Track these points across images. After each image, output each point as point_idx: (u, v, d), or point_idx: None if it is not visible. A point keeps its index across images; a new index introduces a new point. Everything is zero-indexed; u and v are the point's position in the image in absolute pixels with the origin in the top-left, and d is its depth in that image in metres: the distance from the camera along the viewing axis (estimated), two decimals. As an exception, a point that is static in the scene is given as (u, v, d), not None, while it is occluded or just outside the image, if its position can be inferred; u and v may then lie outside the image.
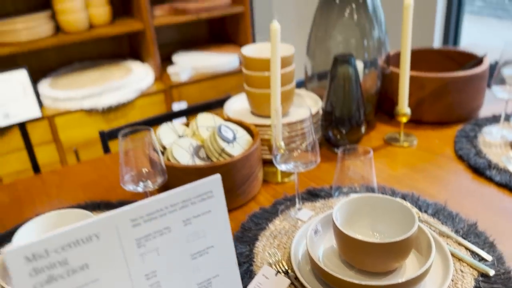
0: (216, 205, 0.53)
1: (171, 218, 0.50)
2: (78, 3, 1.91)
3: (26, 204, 0.97)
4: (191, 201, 0.52)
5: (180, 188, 0.51)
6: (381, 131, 1.18)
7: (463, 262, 0.70)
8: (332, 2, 1.23)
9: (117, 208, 0.88)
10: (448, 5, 2.36)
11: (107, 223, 0.46)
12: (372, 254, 0.63)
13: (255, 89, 1.04)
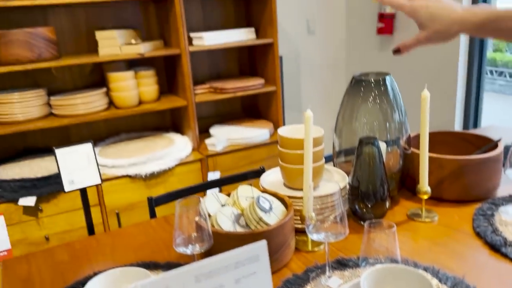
0: (261, 267, 0.63)
1: (226, 277, 0.60)
2: (130, 83, 2.14)
3: (84, 262, 1.07)
4: (241, 262, 0.61)
5: (233, 251, 0.61)
6: (405, 207, 1.26)
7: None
8: (358, 88, 1.37)
9: (165, 269, 0.98)
10: (467, 87, 2.49)
11: (177, 278, 0.56)
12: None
13: (289, 165, 1.15)
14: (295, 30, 2.98)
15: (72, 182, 1.20)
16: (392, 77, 1.32)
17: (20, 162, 2.09)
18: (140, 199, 2.11)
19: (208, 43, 2.23)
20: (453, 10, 0.91)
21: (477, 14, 0.88)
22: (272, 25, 2.37)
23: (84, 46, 2.29)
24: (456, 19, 0.90)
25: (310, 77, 3.12)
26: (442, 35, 0.94)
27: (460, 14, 0.90)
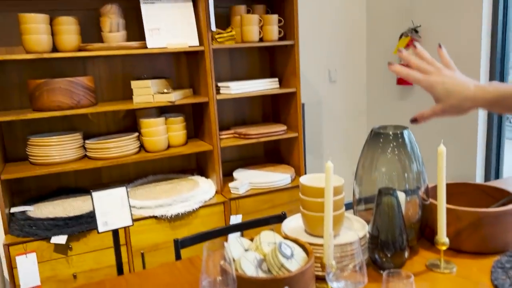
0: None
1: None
2: (161, 128, 2.25)
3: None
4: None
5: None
6: (424, 257, 1.27)
7: None
8: (377, 140, 1.43)
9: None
10: (488, 137, 2.51)
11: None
12: None
13: (310, 212, 1.20)
14: (317, 78, 3.09)
15: (106, 224, 1.27)
16: (409, 131, 1.37)
17: (54, 201, 2.19)
18: (165, 240, 2.17)
19: (234, 92, 2.35)
20: (467, 87, 0.98)
21: (489, 92, 0.94)
22: (295, 75, 2.48)
23: (119, 93, 2.43)
24: (469, 96, 0.97)
25: (331, 124, 3.19)
26: (456, 109, 1.00)
27: (473, 91, 0.96)
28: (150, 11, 2.20)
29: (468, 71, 2.46)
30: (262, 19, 2.39)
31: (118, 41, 2.13)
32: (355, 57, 3.20)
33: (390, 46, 2.99)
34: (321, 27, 3.03)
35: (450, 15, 2.53)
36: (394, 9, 2.93)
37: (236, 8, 2.42)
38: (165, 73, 2.52)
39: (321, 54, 3.06)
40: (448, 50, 2.66)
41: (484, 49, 2.38)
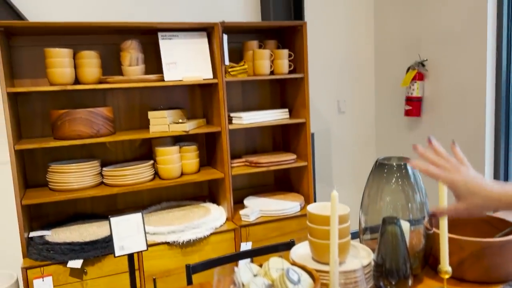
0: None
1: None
2: (175, 156, 2.33)
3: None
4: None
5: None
6: (428, 285, 1.30)
7: None
8: (382, 171, 1.48)
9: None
10: (495, 171, 2.53)
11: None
12: None
13: (317, 239, 1.24)
14: (326, 109, 3.16)
15: (122, 248, 1.33)
16: (412, 162, 1.42)
17: (70, 227, 2.26)
18: (176, 266, 2.21)
19: (246, 122, 2.43)
20: (490, 188, 1.00)
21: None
22: (305, 106, 2.56)
23: (136, 122, 2.53)
24: (494, 197, 0.99)
25: (340, 153, 3.25)
26: (480, 208, 1.02)
27: (497, 193, 0.99)
28: (168, 46, 2.32)
29: (474, 104, 2.52)
30: (273, 53, 2.49)
31: (137, 74, 2.24)
32: (363, 88, 3.28)
33: (398, 79, 3.06)
34: (330, 59, 3.13)
35: (455, 49, 2.61)
36: (401, 43, 3.02)
37: (249, 43, 2.54)
38: (180, 104, 2.63)
39: (331, 85, 3.15)
40: (454, 83, 2.74)
41: (489, 82, 2.44)
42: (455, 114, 2.66)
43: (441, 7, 2.67)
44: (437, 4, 2.69)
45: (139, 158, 2.56)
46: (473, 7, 2.45)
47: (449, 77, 2.67)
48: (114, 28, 2.22)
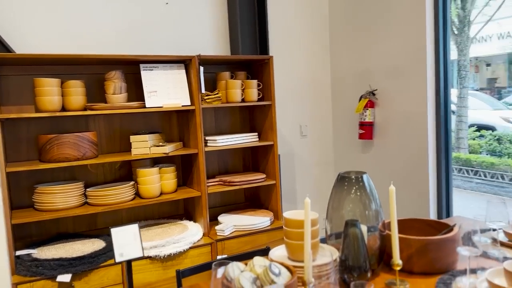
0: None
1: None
2: (155, 177, 2.49)
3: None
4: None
5: None
6: (383, 277, 1.54)
7: None
8: (342, 183, 1.73)
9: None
10: (438, 184, 2.86)
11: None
12: None
13: (293, 241, 1.46)
14: (290, 133, 3.43)
15: (122, 255, 1.48)
16: (368, 175, 1.68)
17: (55, 245, 2.34)
18: (157, 279, 2.34)
19: (221, 144, 2.63)
20: None
21: None
22: (273, 130, 2.81)
23: (117, 146, 2.67)
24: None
25: (303, 173, 3.50)
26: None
27: None
28: (149, 76, 2.51)
29: (417, 128, 2.86)
30: (244, 83, 2.74)
31: (120, 102, 2.40)
32: (322, 114, 3.58)
33: (352, 106, 3.39)
34: (292, 88, 3.41)
35: (400, 80, 2.96)
36: (354, 75, 3.36)
37: (222, 74, 2.77)
38: (157, 128, 2.80)
39: (293, 112, 3.43)
40: (400, 109, 3.08)
41: (430, 108, 2.79)
42: (402, 136, 2.99)
43: (388, 44, 3.03)
44: (384, 42, 3.05)
45: (119, 179, 2.69)
46: (415, 45, 2.82)
47: (396, 104, 3.01)
48: (99, 60, 2.39)
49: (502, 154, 6.96)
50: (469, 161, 7.32)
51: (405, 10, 2.86)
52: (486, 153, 7.34)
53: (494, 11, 7.90)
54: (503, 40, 11.78)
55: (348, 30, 3.36)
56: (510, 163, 6.48)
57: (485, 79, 12.56)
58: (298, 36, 3.41)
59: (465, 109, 7.28)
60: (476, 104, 8.93)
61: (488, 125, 8.02)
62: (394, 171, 3.02)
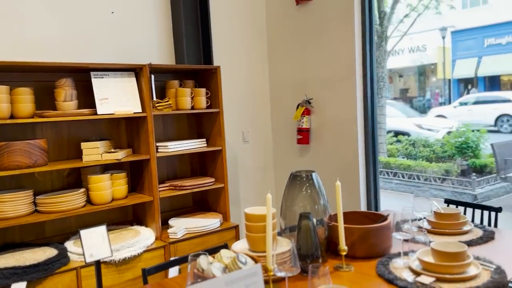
0: (259, 279, 1.06)
1: (242, 282, 1.02)
2: (106, 183, 2.49)
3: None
4: (250, 275, 1.04)
5: (247, 269, 1.04)
6: (331, 263, 1.73)
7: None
8: (295, 182, 1.91)
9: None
10: (367, 183, 3.17)
11: (214, 283, 0.98)
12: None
13: (254, 233, 1.60)
14: (233, 139, 3.57)
15: (91, 256, 1.52)
16: (317, 174, 1.88)
17: (4, 255, 2.26)
18: (112, 283, 2.35)
19: (172, 150, 2.71)
20: None
21: None
22: (221, 136, 2.94)
23: (65, 153, 2.63)
24: None
25: (246, 177, 3.66)
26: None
27: None
28: (99, 84, 2.52)
29: (348, 133, 3.15)
30: (193, 91, 2.84)
31: (71, 109, 2.39)
32: (262, 121, 3.78)
33: (290, 113, 3.62)
34: (235, 97, 3.57)
35: (333, 90, 3.24)
36: (291, 84, 3.60)
37: (171, 82, 2.85)
38: (105, 135, 2.80)
39: (236, 119, 3.58)
40: (333, 116, 3.36)
41: (359, 115, 3.09)
42: (335, 141, 3.27)
43: (321, 57, 3.30)
44: (318, 55, 3.32)
45: (67, 187, 2.65)
46: (345, 58, 3.11)
47: (330, 112, 3.29)
48: (48, 67, 2.36)
49: (417, 157, 7.69)
50: (389, 164, 7.98)
51: (336, 27, 3.15)
52: (403, 156, 8.05)
53: (408, 27, 8.73)
54: (414, 54, 12.96)
55: (284, 44, 3.59)
56: (424, 165, 7.19)
57: (398, 89, 13.69)
58: (239, 47, 3.58)
59: (383, 117, 7.94)
60: (392, 112, 9.75)
61: (404, 131, 8.81)
62: (329, 172, 3.29)
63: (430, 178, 6.81)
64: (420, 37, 11.57)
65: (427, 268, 1.54)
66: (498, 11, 9.47)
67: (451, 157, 7.22)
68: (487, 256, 1.70)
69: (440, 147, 7.50)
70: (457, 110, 9.63)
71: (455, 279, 1.48)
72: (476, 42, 10.83)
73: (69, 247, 2.37)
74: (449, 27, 11.28)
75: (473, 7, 11.15)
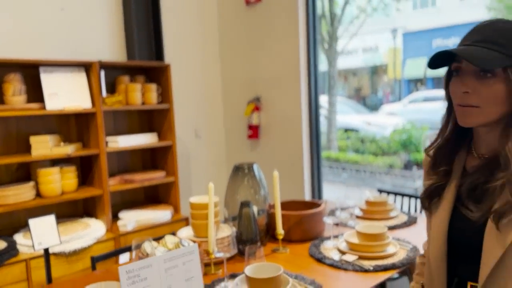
0: (195, 257, 1.20)
1: (180, 259, 1.16)
2: (56, 177, 2.53)
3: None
4: (187, 253, 1.18)
5: (184, 248, 1.18)
6: (270, 246, 1.90)
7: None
8: (237, 173, 2.06)
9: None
10: (312, 174, 3.38)
11: (155, 260, 1.11)
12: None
13: (198, 220, 1.74)
14: (186, 135, 3.67)
15: (40, 244, 1.60)
16: (258, 165, 2.04)
17: None
18: (63, 274, 2.40)
19: (122, 145, 2.78)
20: None
21: None
22: (172, 131, 3.04)
23: (13, 148, 2.64)
24: None
25: (198, 172, 3.78)
26: None
27: None
28: (49, 79, 2.55)
29: (294, 128, 3.34)
30: (143, 87, 2.92)
31: (19, 104, 2.41)
32: (215, 118, 3.90)
33: (241, 110, 3.77)
34: (188, 92, 3.67)
35: (280, 88, 3.42)
36: (242, 82, 3.74)
37: (121, 78, 2.91)
38: (55, 130, 2.82)
39: (188, 115, 3.68)
40: (280, 113, 3.54)
41: (304, 112, 3.29)
42: (282, 136, 3.45)
43: (269, 57, 3.47)
44: (266, 54, 3.49)
45: (16, 181, 2.66)
46: (291, 58, 3.30)
47: (277, 108, 3.47)
48: (-5, 61, 2.37)
49: (365, 152, 8.09)
50: (339, 159, 8.34)
51: (283, 27, 3.32)
52: (352, 151, 8.43)
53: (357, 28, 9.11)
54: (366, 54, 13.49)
55: (235, 43, 3.73)
56: (370, 159, 7.59)
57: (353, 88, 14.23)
58: (192, 45, 3.68)
59: (334, 114, 8.28)
60: (344, 110, 10.14)
61: (354, 127, 9.21)
62: (277, 165, 3.46)
63: (375, 172, 7.20)
64: (372, 38, 12.06)
65: (352, 248, 1.75)
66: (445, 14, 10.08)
67: (396, 152, 7.66)
68: (406, 238, 1.92)
69: (386, 143, 7.94)
70: (406, 108, 10.15)
71: (375, 257, 1.69)
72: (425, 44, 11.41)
73: (18, 239, 2.40)
74: (399, 28, 11.82)
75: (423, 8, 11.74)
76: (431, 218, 1.06)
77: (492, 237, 0.90)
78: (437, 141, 1.05)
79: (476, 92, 0.90)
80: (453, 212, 1.01)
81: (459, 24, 8.83)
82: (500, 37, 0.88)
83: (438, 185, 1.03)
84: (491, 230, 0.91)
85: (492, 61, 0.86)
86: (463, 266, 0.99)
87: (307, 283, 1.47)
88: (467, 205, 0.97)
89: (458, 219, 0.99)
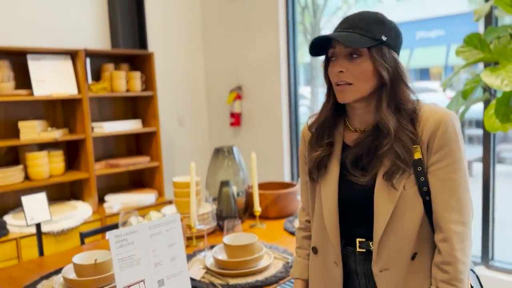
0: (177, 225, 1.35)
1: (163, 227, 1.31)
2: (44, 160, 2.64)
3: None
4: (170, 222, 1.33)
5: (168, 217, 1.32)
6: (248, 223, 2.06)
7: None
8: (218, 155, 2.21)
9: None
10: (291, 160, 3.55)
11: (141, 227, 1.25)
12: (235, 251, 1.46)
13: (180, 198, 1.88)
14: (170, 123, 3.79)
15: (33, 219, 1.72)
16: (237, 148, 2.19)
17: None
18: (51, 253, 2.52)
19: (107, 130, 2.89)
20: None
21: None
22: (155, 117, 3.16)
23: (2, 133, 2.72)
24: None
25: (182, 159, 3.91)
26: None
27: None
28: (36, 66, 2.64)
29: (275, 116, 3.49)
30: (128, 75, 3.02)
31: (8, 90, 2.50)
32: (198, 105, 4.03)
33: (224, 98, 3.90)
34: (172, 81, 3.78)
35: (261, 77, 3.56)
36: (224, 71, 3.87)
37: (106, 65, 3.01)
38: (42, 116, 2.91)
39: (172, 103, 3.80)
40: (261, 101, 3.70)
41: (284, 100, 3.45)
42: (263, 124, 3.60)
43: (251, 47, 3.60)
44: (248, 45, 3.62)
45: (4, 165, 2.75)
46: (271, 49, 3.44)
47: (258, 97, 3.61)
48: (-17, 48, 2.45)
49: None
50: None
51: (264, 19, 3.45)
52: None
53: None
54: (348, 45, 13.59)
55: (219, 32, 3.85)
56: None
57: (336, 78, 14.39)
58: (176, 34, 3.78)
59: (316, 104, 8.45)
60: (326, 100, 10.32)
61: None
62: (258, 150, 3.60)
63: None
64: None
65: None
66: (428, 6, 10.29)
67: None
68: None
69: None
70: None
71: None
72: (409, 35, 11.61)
73: (8, 220, 2.51)
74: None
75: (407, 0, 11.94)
76: (321, 189, 1.17)
77: (382, 196, 1.05)
78: (320, 118, 1.19)
79: (349, 70, 1.07)
80: (340, 180, 1.14)
81: (442, 16, 9.02)
82: (365, 24, 1.07)
83: (325, 155, 1.16)
84: (380, 190, 1.05)
85: (359, 42, 1.04)
86: (357, 228, 1.12)
87: (279, 252, 1.63)
88: (354, 173, 1.11)
89: (347, 186, 1.12)
